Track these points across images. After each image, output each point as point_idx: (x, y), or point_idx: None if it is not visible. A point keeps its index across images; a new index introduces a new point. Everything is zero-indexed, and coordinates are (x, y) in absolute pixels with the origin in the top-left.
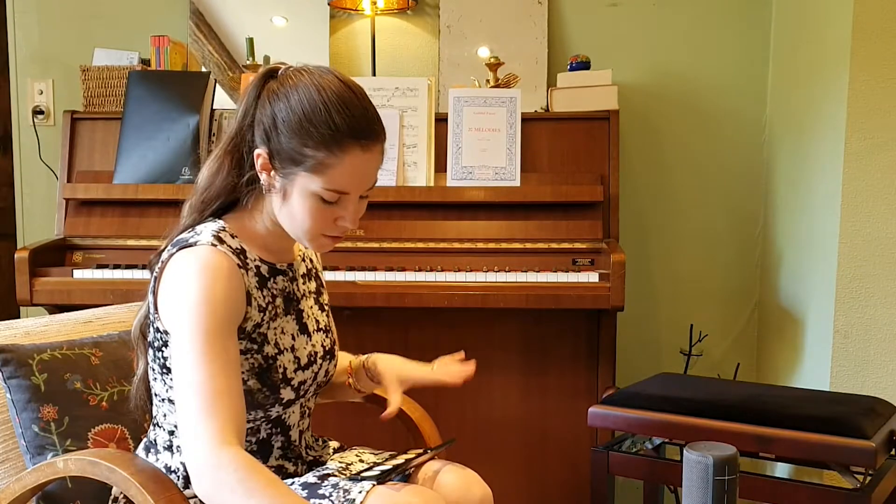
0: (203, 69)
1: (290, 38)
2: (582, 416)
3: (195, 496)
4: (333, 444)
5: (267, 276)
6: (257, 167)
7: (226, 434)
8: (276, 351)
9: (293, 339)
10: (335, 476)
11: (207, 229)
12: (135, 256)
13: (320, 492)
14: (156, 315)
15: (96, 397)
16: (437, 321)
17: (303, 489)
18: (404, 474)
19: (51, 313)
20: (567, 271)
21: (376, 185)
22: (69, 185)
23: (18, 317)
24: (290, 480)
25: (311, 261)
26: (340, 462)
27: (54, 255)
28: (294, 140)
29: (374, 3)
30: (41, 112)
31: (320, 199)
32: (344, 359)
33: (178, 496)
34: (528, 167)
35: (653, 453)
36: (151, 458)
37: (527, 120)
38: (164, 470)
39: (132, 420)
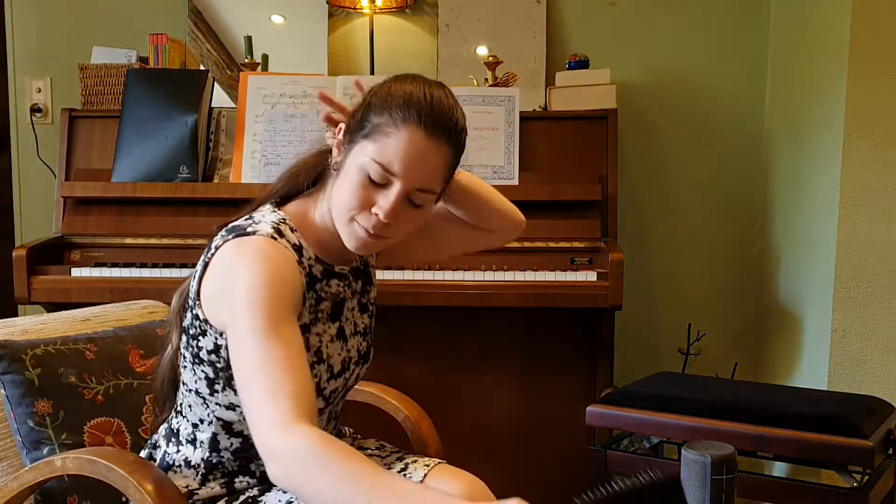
0: (201, 67)
1: (289, 36)
2: (580, 415)
3: (204, 499)
4: (348, 438)
5: (319, 277)
6: (335, 143)
7: (295, 413)
8: (315, 359)
9: (328, 346)
10: None
11: (267, 220)
12: (133, 255)
13: None
14: (196, 301)
15: (91, 391)
16: (436, 320)
17: None
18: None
19: (49, 312)
20: (565, 270)
21: None
22: (67, 184)
23: (16, 315)
24: None
25: (361, 256)
26: None
27: (52, 253)
28: (371, 109)
29: (373, 2)
30: (39, 110)
31: (367, 176)
32: None
33: (176, 495)
34: (526, 166)
35: (651, 452)
36: (171, 449)
37: (525, 119)
38: (183, 463)
39: (129, 413)
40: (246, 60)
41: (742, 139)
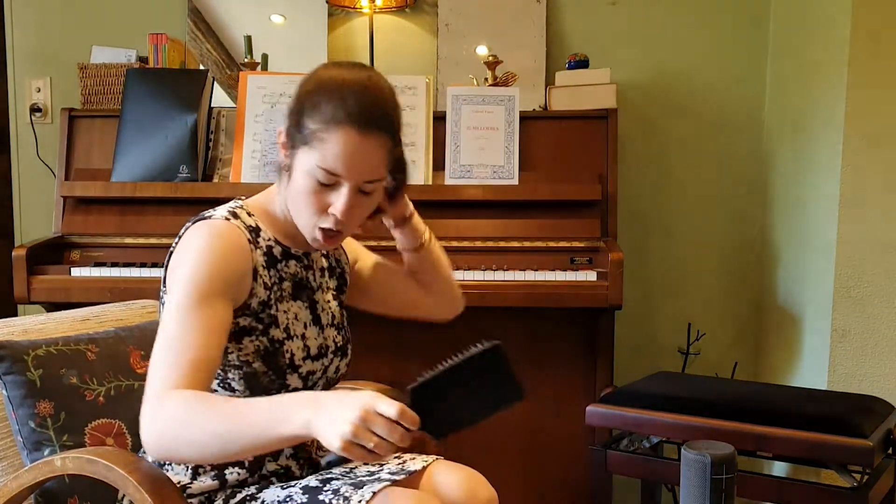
0: (201, 67)
1: (289, 35)
2: (580, 414)
3: (198, 494)
4: None
5: (279, 257)
6: (279, 145)
7: (177, 385)
8: (285, 336)
9: (305, 327)
10: (338, 480)
11: (225, 207)
12: (133, 254)
13: (321, 497)
14: (164, 289)
15: (93, 392)
16: None
17: (304, 493)
18: (409, 473)
19: (48, 311)
20: (565, 270)
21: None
22: (67, 183)
23: (16, 315)
24: (292, 483)
25: (336, 260)
26: (345, 467)
27: (52, 253)
28: (304, 113)
29: (373, 1)
30: (39, 110)
31: (316, 181)
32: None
33: (175, 495)
34: (526, 166)
35: (650, 452)
36: None
37: (525, 118)
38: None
39: (130, 414)
40: (246, 60)
41: (742, 139)
